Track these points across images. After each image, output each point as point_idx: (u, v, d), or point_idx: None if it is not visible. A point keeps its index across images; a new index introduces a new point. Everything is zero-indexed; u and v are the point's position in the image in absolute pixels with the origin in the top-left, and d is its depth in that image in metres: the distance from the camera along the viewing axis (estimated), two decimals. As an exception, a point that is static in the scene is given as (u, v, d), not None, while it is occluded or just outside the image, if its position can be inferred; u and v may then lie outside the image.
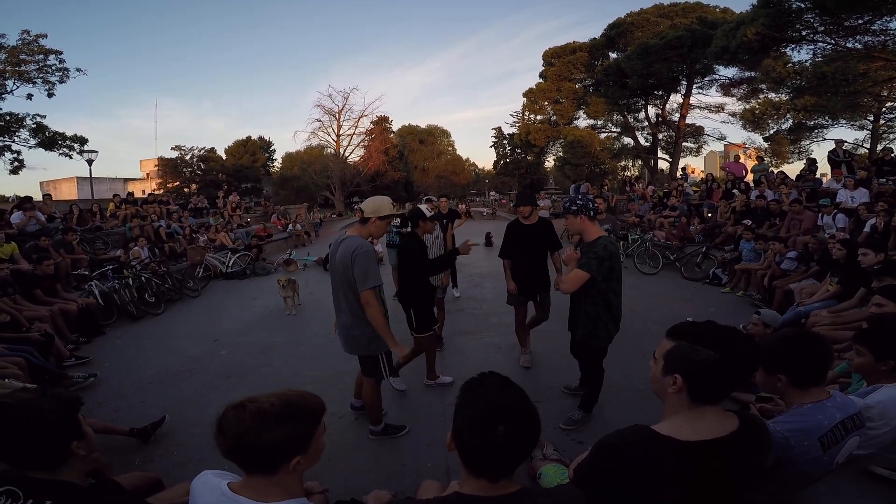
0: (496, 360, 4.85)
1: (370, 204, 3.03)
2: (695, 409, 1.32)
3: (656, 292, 7.83)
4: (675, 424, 1.32)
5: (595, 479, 1.36)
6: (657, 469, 1.25)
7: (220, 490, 1.30)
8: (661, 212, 12.68)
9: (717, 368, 1.27)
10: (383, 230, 3.09)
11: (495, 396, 1.14)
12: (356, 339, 3.04)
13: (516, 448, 1.12)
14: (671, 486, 1.25)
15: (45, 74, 18.64)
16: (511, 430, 1.09)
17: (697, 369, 1.29)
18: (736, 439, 1.29)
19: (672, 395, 1.35)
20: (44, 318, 5.57)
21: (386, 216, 3.02)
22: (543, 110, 31.56)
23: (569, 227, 3.24)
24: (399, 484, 2.77)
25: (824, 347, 1.73)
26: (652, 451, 1.27)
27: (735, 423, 1.33)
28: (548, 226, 4.50)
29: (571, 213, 3.14)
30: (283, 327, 6.42)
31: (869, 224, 6.79)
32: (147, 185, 36.92)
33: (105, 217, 11.69)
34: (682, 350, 1.33)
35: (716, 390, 1.31)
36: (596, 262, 2.95)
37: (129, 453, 3.25)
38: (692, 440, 1.27)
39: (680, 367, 1.32)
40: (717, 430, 1.30)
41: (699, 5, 26.18)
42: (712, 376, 1.28)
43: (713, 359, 1.26)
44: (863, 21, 13.60)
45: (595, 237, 3.08)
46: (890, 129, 19.84)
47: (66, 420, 1.51)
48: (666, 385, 1.36)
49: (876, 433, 2.10)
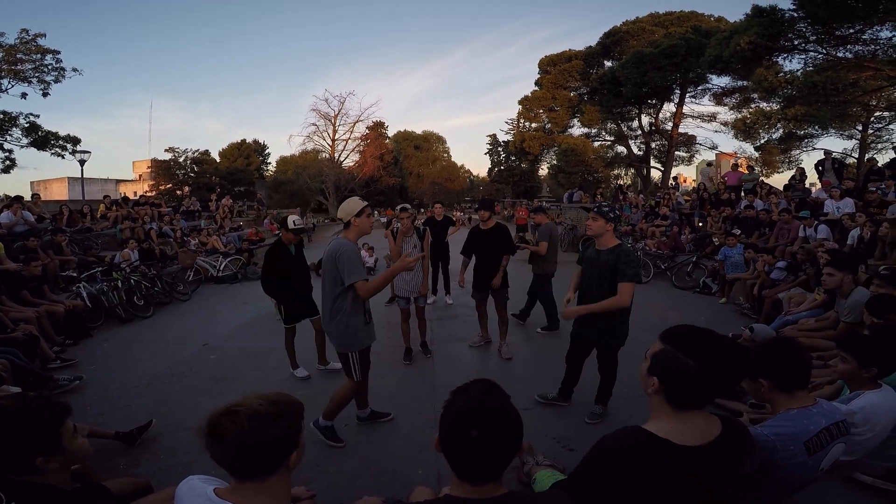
0: (488, 365, 4.86)
1: (343, 209, 3.13)
2: (679, 413, 1.35)
3: (647, 301, 7.84)
4: (665, 427, 1.34)
5: (600, 481, 1.36)
6: (663, 471, 1.27)
7: (206, 495, 1.28)
8: (653, 221, 12.76)
9: (693, 378, 1.29)
10: (368, 224, 3.20)
11: (474, 401, 1.16)
12: (333, 336, 3.16)
13: (494, 451, 1.13)
14: (672, 488, 1.27)
15: (41, 74, 18.52)
16: (484, 434, 1.10)
17: (674, 376, 1.32)
18: (720, 445, 1.32)
19: (652, 395, 1.40)
20: (30, 319, 5.49)
21: (360, 211, 3.11)
22: (538, 118, 31.76)
23: (594, 228, 3.31)
24: (390, 490, 2.75)
25: (800, 351, 1.79)
26: (654, 452, 1.29)
27: (719, 427, 1.36)
28: (503, 231, 5.02)
29: (606, 219, 3.27)
30: (274, 332, 6.33)
31: (854, 235, 6.86)
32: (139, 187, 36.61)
33: (95, 218, 11.59)
34: (665, 355, 1.35)
35: (692, 398, 1.34)
36: (641, 271, 3.29)
37: (114, 457, 3.20)
38: (687, 445, 1.29)
39: (659, 371, 1.36)
40: (704, 436, 1.33)
41: (694, 14, 26.54)
42: (687, 385, 1.31)
43: (690, 369, 1.28)
44: (854, 31, 13.77)
45: (613, 244, 3.26)
46: (878, 138, 20.15)
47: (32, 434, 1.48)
48: (648, 384, 1.40)
49: (860, 439, 2.13)
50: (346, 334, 3.08)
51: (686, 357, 1.30)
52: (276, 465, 1.25)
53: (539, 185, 39.12)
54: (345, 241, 3.04)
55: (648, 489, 1.26)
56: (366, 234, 3.20)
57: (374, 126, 39.37)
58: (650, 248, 10.61)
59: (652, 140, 28.68)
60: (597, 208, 3.34)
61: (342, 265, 2.94)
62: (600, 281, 3.25)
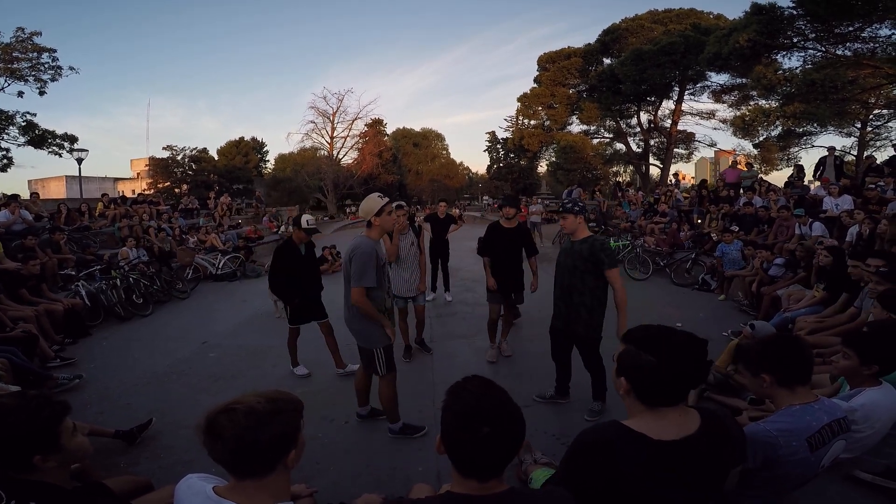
0: (487, 363, 4.85)
1: (362, 208, 3.11)
2: (653, 411, 1.36)
3: (646, 298, 7.87)
4: (642, 423, 1.35)
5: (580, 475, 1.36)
6: (640, 466, 1.28)
7: (206, 494, 1.28)
8: (652, 218, 12.76)
9: (654, 373, 1.30)
10: (391, 222, 3.20)
11: (478, 398, 1.17)
12: (356, 333, 3.19)
13: (502, 448, 1.14)
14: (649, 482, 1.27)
15: (37, 72, 18.40)
16: (495, 430, 1.11)
17: (638, 373, 1.34)
18: (699, 439, 1.32)
19: (624, 396, 1.42)
20: (28, 318, 5.49)
21: (380, 210, 3.07)
22: (537, 115, 31.73)
23: (567, 226, 3.40)
24: (390, 488, 2.75)
25: (803, 347, 1.79)
26: (631, 446, 1.30)
27: (697, 422, 1.36)
28: (525, 231, 4.91)
29: (573, 213, 3.35)
30: (273, 330, 6.35)
31: (852, 232, 6.86)
32: (137, 185, 36.51)
33: (94, 217, 11.56)
34: (628, 354, 1.37)
35: (661, 394, 1.34)
36: (616, 257, 3.29)
37: (113, 456, 3.20)
38: (663, 439, 1.30)
39: (624, 370, 1.38)
40: (681, 431, 1.33)
41: (693, 12, 26.44)
42: (651, 380, 1.32)
43: (651, 364, 1.30)
44: (853, 28, 13.77)
45: (586, 235, 3.38)
46: (877, 136, 20.15)
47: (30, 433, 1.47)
48: (619, 386, 1.41)
49: (861, 436, 2.14)
50: (369, 330, 3.11)
51: (646, 353, 1.32)
52: (275, 463, 1.24)
53: (538, 182, 39.10)
54: (364, 241, 3.03)
55: (626, 484, 1.27)
56: (389, 231, 3.20)
57: (373, 123, 39.26)
58: (649, 245, 10.61)
59: (651, 137, 28.66)
60: (562, 207, 3.42)
61: (353, 265, 2.96)
62: (573, 269, 3.37)
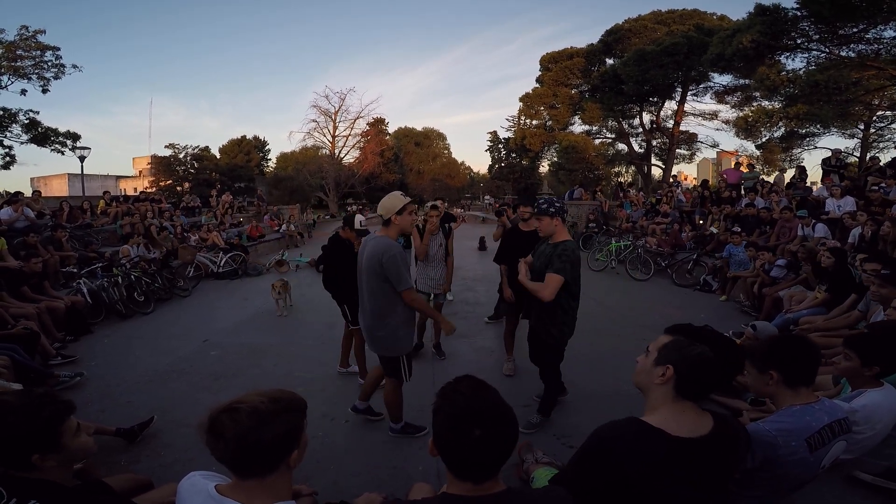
0: (488, 363, 4.85)
1: (383, 205, 2.97)
2: (678, 403, 1.37)
3: (648, 298, 7.87)
4: (659, 418, 1.36)
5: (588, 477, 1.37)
6: (655, 463, 1.28)
7: (207, 492, 1.28)
8: (654, 218, 12.75)
9: (708, 365, 1.32)
10: (410, 222, 3.04)
11: (470, 400, 1.16)
12: (380, 340, 3.03)
13: (495, 450, 1.13)
14: (665, 479, 1.28)
15: (40, 70, 18.48)
16: (488, 432, 1.11)
17: (690, 362, 1.35)
18: (711, 440, 1.34)
19: (658, 386, 1.41)
20: (30, 315, 5.49)
21: (402, 209, 2.94)
22: (539, 115, 31.69)
23: (543, 228, 3.21)
24: (390, 487, 2.75)
25: (813, 347, 1.80)
26: (648, 442, 1.31)
27: (710, 423, 1.38)
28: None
29: (549, 215, 3.15)
30: (275, 328, 6.38)
31: (855, 234, 6.84)
32: (139, 183, 36.56)
33: (96, 214, 11.58)
34: (679, 343, 1.38)
35: (701, 387, 1.37)
36: (570, 266, 3.00)
37: (114, 454, 3.21)
38: (681, 436, 1.31)
39: (674, 358, 1.38)
40: (698, 429, 1.34)
41: (696, 12, 26.37)
42: (703, 371, 1.34)
43: (707, 355, 1.32)
44: (857, 30, 13.73)
45: (562, 239, 3.15)
46: (880, 137, 20.13)
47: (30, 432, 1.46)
48: (654, 375, 1.41)
49: (861, 437, 2.13)
50: (395, 337, 2.99)
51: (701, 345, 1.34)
52: (277, 462, 1.24)
53: (539, 182, 39.03)
54: (390, 242, 2.88)
55: (640, 479, 1.27)
56: (407, 232, 3.10)
57: (375, 122, 39.28)
58: (651, 246, 10.60)
59: (653, 138, 28.59)
60: (537, 209, 3.22)
61: (388, 270, 2.80)
62: (539, 273, 3.18)
